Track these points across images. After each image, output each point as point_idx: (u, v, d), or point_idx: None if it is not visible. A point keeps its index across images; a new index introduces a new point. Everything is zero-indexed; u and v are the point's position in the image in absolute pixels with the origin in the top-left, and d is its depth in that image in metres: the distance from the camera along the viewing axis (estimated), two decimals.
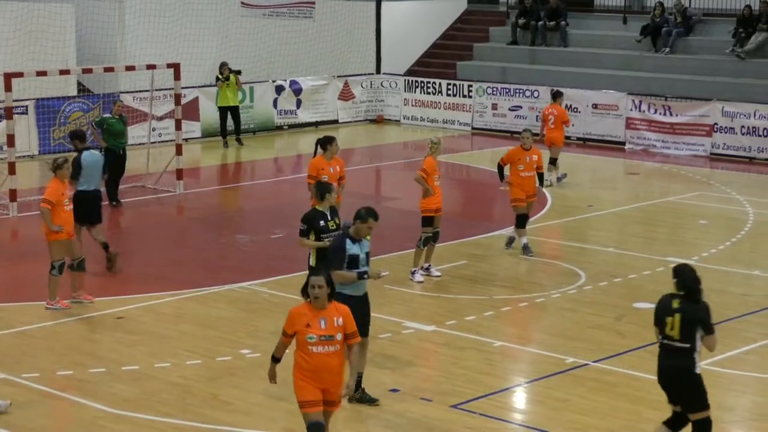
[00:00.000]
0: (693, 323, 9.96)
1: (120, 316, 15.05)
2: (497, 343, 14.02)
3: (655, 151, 28.28)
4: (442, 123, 32.05)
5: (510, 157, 18.31)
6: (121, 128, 21.50)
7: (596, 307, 15.51)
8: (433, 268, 16.89)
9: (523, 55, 33.27)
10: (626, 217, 21.56)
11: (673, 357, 10.03)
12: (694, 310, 10.00)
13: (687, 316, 9.95)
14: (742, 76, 28.96)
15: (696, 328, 9.96)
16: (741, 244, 19.22)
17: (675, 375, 10.06)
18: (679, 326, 9.92)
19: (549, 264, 17.78)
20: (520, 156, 18.17)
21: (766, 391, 12.70)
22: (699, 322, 9.99)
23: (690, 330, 9.95)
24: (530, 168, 18.13)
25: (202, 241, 19.57)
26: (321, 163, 16.33)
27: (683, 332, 9.92)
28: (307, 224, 13.39)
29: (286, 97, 31.23)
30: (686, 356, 9.98)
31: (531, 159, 18.16)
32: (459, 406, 11.95)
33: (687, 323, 9.94)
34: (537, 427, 11.56)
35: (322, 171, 16.18)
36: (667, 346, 10.06)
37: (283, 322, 9.93)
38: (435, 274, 16.81)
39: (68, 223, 15.15)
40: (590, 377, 12.88)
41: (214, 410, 11.83)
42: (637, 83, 29.84)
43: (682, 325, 9.92)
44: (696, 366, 10.01)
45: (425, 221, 16.76)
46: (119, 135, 21.47)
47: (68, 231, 15.13)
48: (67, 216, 15.14)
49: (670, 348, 10.02)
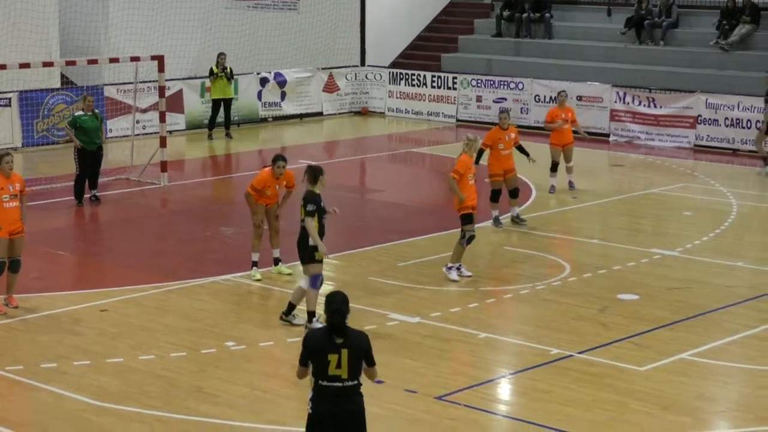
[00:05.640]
0: (360, 355, 8.70)
1: (104, 308, 15.01)
2: (482, 335, 14.03)
3: (639, 142, 28.36)
4: (426, 115, 32.07)
5: (491, 139, 19.09)
6: (94, 125, 20.82)
7: (580, 299, 15.55)
8: (464, 268, 16.50)
9: (508, 48, 33.30)
10: (610, 208, 21.61)
11: (342, 399, 8.69)
12: (359, 340, 8.73)
13: (354, 350, 8.67)
14: (725, 68, 29.05)
15: (363, 362, 8.74)
16: (725, 236, 19.27)
17: (349, 416, 8.73)
18: (347, 362, 8.61)
19: (534, 256, 17.80)
20: (500, 136, 19.25)
21: (750, 382, 12.74)
22: (366, 353, 8.74)
23: (358, 364, 8.70)
24: (509, 146, 19.28)
25: (187, 233, 19.55)
26: (269, 180, 16.00)
27: (352, 368, 8.64)
28: (315, 204, 13.67)
29: (271, 90, 31.23)
30: (358, 394, 8.76)
31: (509, 137, 19.31)
32: (444, 397, 11.96)
33: (355, 357, 8.67)
34: (521, 418, 11.58)
35: (268, 187, 16.01)
36: (332, 389, 8.69)
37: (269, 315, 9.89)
38: (466, 273, 16.45)
39: (8, 222, 14.52)
40: (574, 368, 12.90)
41: (199, 402, 11.82)
42: (621, 75, 29.90)
43: (350, 360, 8.63)
44: None
45: (466, 219, 16.31)
46: (93, 132, 20.80)
47: (8, 230, 14.54)
48: (7, 214, 14.50)
49: (339, 390, 8.68)
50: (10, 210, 14.59)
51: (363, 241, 18.28)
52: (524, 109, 30.02)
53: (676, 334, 14.11)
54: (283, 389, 12.30)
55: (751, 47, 29.70)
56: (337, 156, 27.46)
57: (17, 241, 14.77)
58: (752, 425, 11.46)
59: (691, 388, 12.41)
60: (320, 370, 8.60)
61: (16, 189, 14.68)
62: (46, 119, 26.81)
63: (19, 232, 14.76)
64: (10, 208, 14.58)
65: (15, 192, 14.66)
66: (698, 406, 12.02)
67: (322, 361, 8.57)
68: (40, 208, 20.23)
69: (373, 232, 19.04)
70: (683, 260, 17.67)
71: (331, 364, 8.57)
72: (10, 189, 14.62)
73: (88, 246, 19.37)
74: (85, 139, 20.85)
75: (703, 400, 12.23)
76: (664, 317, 14.73)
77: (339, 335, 8.59)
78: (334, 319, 8.60)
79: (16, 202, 14.66)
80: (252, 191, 16.02)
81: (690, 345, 13.67)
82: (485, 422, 11.61)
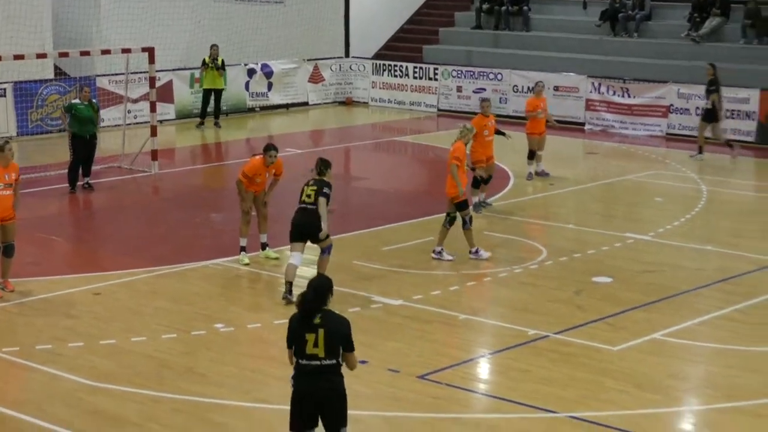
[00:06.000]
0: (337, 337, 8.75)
1: (97, 292, 15.01)
2: (462, 316, 14.08)
3: (613, 131, 28.42)
4: (408, 105, 32.06)
5: (477, 126, 18.95)
6: (89, 114, 20.93)
7: (556, 282, 15.60)
8: (445, 252, 16.60)
9: (487, 39, 33.29)
10: (586, 195, 21.67)
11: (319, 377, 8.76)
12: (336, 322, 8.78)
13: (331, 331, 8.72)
14: (696, 59, 29.09)
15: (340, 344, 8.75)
16: (695, 221, 19.35)
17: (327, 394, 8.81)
18: (323, 341, 8.68)
19: (512, 240, 17.84)
20: (485, 123, 19.39)
21: (719, 361, 12.82)
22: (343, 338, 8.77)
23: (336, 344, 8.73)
24: (492, 132, 19.47)
25: (177, 219, 19.54)
26: (260, 168, 16.05)
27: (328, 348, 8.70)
28: (330, 190, 14.34)
29: (258, 80, 31.20)
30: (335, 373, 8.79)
31: (491, 124, 19.55)
32: (425, 376, 12.00)
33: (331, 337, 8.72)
34: (500, 396, 11.63)
35: (258, 175, 16.04)
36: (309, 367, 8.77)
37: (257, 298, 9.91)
38: (447, 257, 16.52)
39: (1, 209, 14.50)
40: (550, 348, 12.95)
41: (190, 382, 11.84)
42: (596, 66, 29.93)
43: (326, 340, 8.69)
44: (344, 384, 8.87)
45: (459, 206, 16.39)
46: (87, 121, 20.92)
47: (0, 216, 14.53)
48: (1, 201, 14.49)
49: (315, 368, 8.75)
50: (4, 198, 14.59)
51: (348, 226, 18.28)
52: (503, 99, 30.02)
53: (648, 316, 14.17)
54: (270, 369, 12.32)
55: (721, 39, 29.76)
56: (322, 144, 27.45)
57: (9, 226, 14.77)
58: (721, 402, 11.53)
59: (663, 367, 12.47)
60: (299, 349, 8.71)
61: (11, 178, 14.67)
62: (40, 109, 26.73)
63: (11, 219, 14.75)
64: (4, 196, 14.59)
65: (10, 181, 14.65)
66: (670, 384, 12.09)
67: (301, 340, 8.69)
68: (35, 196, 20.19)
69: (357, 218, 19.07)
70: (655, 244, 17.74)
71: (309, 343, 8.66)
72: (5, 178, 14.62)
73: (82, 232, 19.35)
74: (79, 127, 20.89)
75: (675, 378, 12.30)
76: (636, 299, 14.79)
77: (312, 318, 8.68)
78: (302, 306, 8.74)
79: (10, 191, 14.66)
80: (243, 178, 16.03)
81: (662, 326, 13.74)
82: (465, 400, 11.66)
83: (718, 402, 11.56)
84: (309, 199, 14.41)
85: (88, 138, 21.03)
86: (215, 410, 11.14)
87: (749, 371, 12.33)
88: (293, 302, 13.73)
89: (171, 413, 11.04)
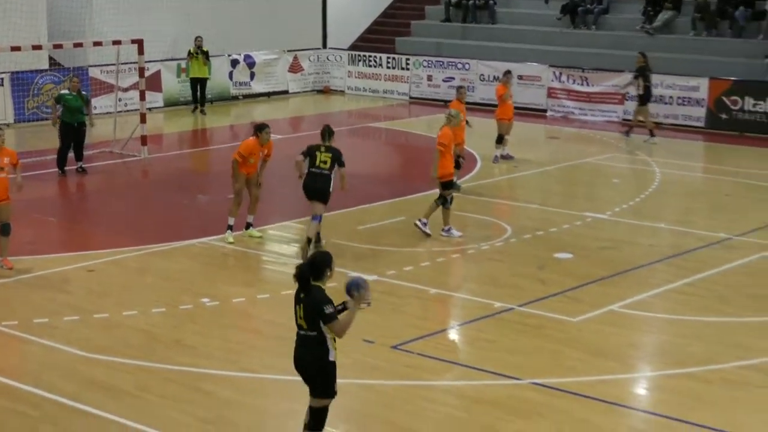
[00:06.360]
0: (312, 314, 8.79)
1: (91, 269, 14.95)
2: (433, 291, 14.10)
3: (573, 117, 28.48)
4: (382, 93, 32.01)
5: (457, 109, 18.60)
6: (78, 104, 20.77)
7: (521, 258, 15.64)
8: (453, 229, 16.64)
9: (456, 32, 33.25)
10: (548, 177, 21.71)
11: (304, 345, 8.89)
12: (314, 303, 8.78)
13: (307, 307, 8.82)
14: (650, 50, 29.06)
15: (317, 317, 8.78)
16: (649, 200, 19.43)
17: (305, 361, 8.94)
18: (303, 315, 8.82)
19: (479, 219, 17.86)
20: (461, 108, 19.02)
21: (670, 330, 12.90)
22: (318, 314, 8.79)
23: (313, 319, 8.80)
24: (465, 117, 19.13)
25: (165, 201, 19.47)
26: (254, 148, 15.98)
27: (308, 321, 8.81)
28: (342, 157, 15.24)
29: (241, 70, 31.11)
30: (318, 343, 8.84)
31: (464, 109, 19.34)
32: (399, 346, 12.03)
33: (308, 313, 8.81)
34: (468, 365, 11.67)
35: (252, 155, 16.00)
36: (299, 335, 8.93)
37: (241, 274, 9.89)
38: (456, 234, 16.57)
39: None
40: (515, 320, 12.99)
41: (178, 354, 11.83)
42: (557, 57, 29.95)
43: (305, 314, 8.81)
44: (330, 354, 8.87)
45: (443, 186, 16.49)
46: (76, 111, 20.76)
47: None
48: None
49: (302, 337, 8.90)
50: None
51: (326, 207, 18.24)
52: (470, 88, 29.84)
53: (605, 289, 14.24)
54: (254, 341, 12.33)
55: (673, 31, 29.82)
56: (301, 130, 27.36)
57: (4, 207, 14.71)
58: (672, 368, 11.61)
59: (619, 337, 12.55)
60: (295, 318, 8.91)
61: (4, 162, 14.59)
62: (36, 98, 26.55)
63: (5, 200, 14.68)
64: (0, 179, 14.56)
65: (2, 165, 14.58)
66: (625, 352, 12.16)
67: (294, 310, 8.89)
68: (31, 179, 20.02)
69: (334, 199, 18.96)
70: (612, 222, 17.81)
71: (297, 313, 8.86)
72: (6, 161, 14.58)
73: (76, 213, 19.26)
74: (68, 116, 20.82)
75: (630, 347, 12.37)
76: (595, 273, 14.86)
77: (301, 290, 8.81)
78: (295, 275, 8.83)
79: (3, 174, 14.58)
80: (239, 158, 15.96)
81: (618, 298, 13.81)
82: (436, 368, 11.68)
83: (670, 368, 11.63)
84: (324, 165, 15.12)
85: (77, 126, 20.91)
86: (204, 379, 11.13)
87: (698, 340, 12.42)
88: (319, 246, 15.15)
89: (162, 383, 11.02)
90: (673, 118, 27.13)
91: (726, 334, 12.60)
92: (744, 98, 26.34)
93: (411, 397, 10.64)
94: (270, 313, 13.35)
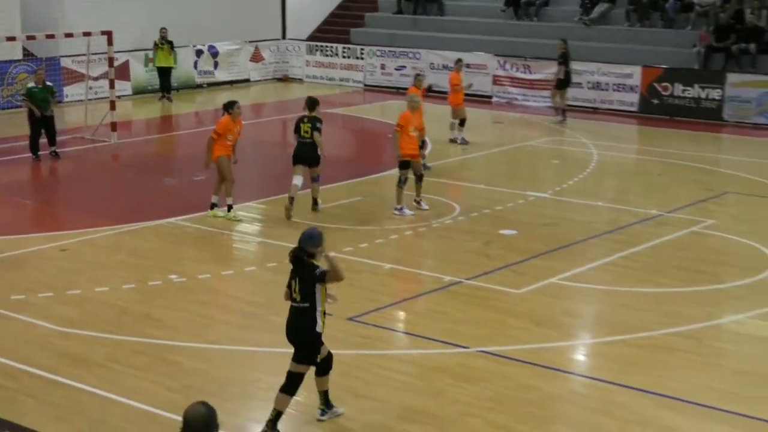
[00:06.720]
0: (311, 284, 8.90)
1: (64, 248, 14.81)
2: (387, 266, 14.10)
3: (517, 103, 28.55)
4: (338, 81, 31.91)
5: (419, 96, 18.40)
6: (43, 95, 20.58)
7: (469, 235, 15.68)
8: (423, 203, 16.89)
9: (407, 23, 33.18)
10: (493, 159, 21.77)
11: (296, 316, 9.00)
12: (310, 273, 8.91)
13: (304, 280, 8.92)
14: (588, 40, 29.30)
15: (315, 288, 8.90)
16: (587, 180, 19.53)
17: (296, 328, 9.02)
18: (298, 288, 8.91)
19: (429, 199, 17.84)
20: (419, 94, 18.80)
21: (607, 300, 12.99)
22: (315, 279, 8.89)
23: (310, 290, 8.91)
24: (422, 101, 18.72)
25: (134, 183, 19.30)
26: (229, 125, 16.01)
27: (303, 293, 8.92)
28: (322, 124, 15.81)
29: (205, 60, 30.93)
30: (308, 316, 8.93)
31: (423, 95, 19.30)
32: (355, 318, 12.03)
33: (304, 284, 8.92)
34: (420, 335, 11.69)
35: (229, 132, 15.98)
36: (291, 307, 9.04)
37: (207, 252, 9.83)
38: (424, 207, 16.79)
39: None
40: (463, 293, 13.03)
41: (148, 327, 11.75)
42: (501, 46, 29.99)
43: (301, 286, 8.91)
44: (317, 325, 8.95)
45: (403, 165, 16.62)
46: (43, 101, 20.56)
47: None
48: None
49: (294, 309, 9.01)
50: None
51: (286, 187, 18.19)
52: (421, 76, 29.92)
53: (547, 263, 14.31)
54: (219, 315, 12.28)
55: (609, 22, 29.95)
56: (262, 116, 27.23)
57: None
58: (607, 336, 11.70)
59: (559, 307, 12.62)
60: (289, 292, 9.02)
61: None
62: (10, 87, 26.22)
63: None
64: None
65: None
66: (565, 321, 12.24)
67: (289, 285, 9.01)
68: (7, 164, 19.84)
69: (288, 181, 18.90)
70: (553, 201, 17.89)
71: (293, 288, 8.98)
72: None
73: (49, 195, 19.05)
74: (35, 106, 20.62)
75: (569, 316, 12.45)
76: (537, 248, 14.93)
77: (295, 267, 8.97)
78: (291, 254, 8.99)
79: None
80: (215, 136, 15.93)
81: (559, 271, 13.89)
82: (390, 338, 11.71)
83: (606, 336, 11.72)
84: (307, 135, 16.04)
85: (43, 115, 20.67)
86: (171, 351, 11.07)
87: (632, 309, 12.53)
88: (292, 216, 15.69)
89: (132, 354, 10.95)
90: (609, 103, 27.30)
91: (657, 304, 12.72)
92: (674, 85, 26.53)
93: (367, 366, 10.65)
94: (234, 288, 13.30)
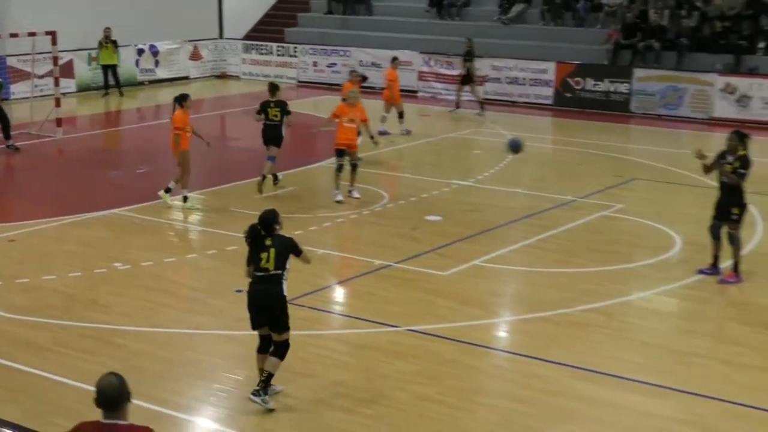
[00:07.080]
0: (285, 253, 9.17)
1: (12, 239, 14.50)
2: (320, 251, 14.03)
3: (441, 97, 28.59)
4: (273, 78, 31.58)
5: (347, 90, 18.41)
6: None
7: (397, 221, 15.68)
8: (355, 191, 16.88)
9: (337, 23, 33.05)
10: (419, 149, 21.79)
11: (266, 283, 9.14)
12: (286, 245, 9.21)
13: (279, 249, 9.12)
14: (505, 38, 29.45)
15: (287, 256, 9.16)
16: (506, 169, 19.65)
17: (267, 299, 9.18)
18: (273, 258, 9.07)
19: (360, 188, 17.82)
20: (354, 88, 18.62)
21: (526, 280, 13.09)
22: (290, 249, 9.22)
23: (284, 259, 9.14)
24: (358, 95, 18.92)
25: (80, 176, 18.96)
26: (186, 117, 15.99)
27: (277, 262, 9.09)
28: None
29: (146, 58, 30.51)
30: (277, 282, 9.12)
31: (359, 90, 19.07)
32: (291, 301, 11.81)
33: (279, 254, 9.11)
34: (353, 315, 11.69)
35: (187, 125, 16.04)
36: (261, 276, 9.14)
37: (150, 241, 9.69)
38: (355, 195, 16.78)
39: None
40: (393, 275, 13.04)
41: (95, 312, 11.57)
42: (426, 44, 30.01)
43: (276, 256, 9.08)
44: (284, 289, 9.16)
45: (337, 153, 16.81)
46: None
47: None
48: None
49: (264, 277, 9.13)
50: None
51: (226, 178, 18.06)
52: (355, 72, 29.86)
53: (471, 246, 14.37)
54: (162, 299, 12.12)
55: (525, 21, 30.13)
56: (202, 112, 26.92)
57: None
58: (527, 313, 11.78)
59: (482, 287, 12.69)
60: (255, 264, 9.11)
61: None
62: None
63: None
64: None
65: None
66: (488, 300, 12.31)
67: (256, 257, 9.11)
68: None
69: (233, 172, 18.79)
70: (475, 188, 17.97)
71: (263, 260, 9.08)
72: None
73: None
74: None
75: (492, 295, 12.53)
76: (461, 233, 14.99)
77: (264, 241, 9.11)
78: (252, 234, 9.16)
79: None
80: (179, 131, 15.88)
81: (481, 254, 13.96)
82: (325, 319, 11.68)
83: (526, 313, 11.82)
84: (276, 118, 16.71)
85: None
86: (117, 335, 10.91)
87: (550, 288, 12.64)
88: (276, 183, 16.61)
89: (79, 338, 10.77)
90: (526, 97, 27.48)
91: (573, 283, 12.85)
92: (585, 79, 26.80)
93: (304, 346, 10.60)
94: (176, 274, 13.15)
